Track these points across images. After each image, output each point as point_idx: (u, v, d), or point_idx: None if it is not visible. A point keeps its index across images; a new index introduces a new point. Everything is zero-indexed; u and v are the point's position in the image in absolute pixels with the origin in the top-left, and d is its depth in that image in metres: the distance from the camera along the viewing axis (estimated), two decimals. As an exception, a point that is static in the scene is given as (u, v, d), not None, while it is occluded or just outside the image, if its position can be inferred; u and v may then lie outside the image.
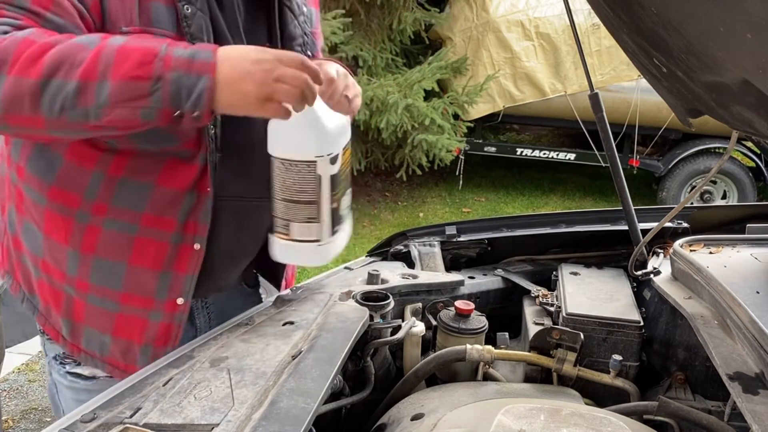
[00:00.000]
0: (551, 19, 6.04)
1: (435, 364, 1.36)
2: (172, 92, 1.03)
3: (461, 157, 6.38)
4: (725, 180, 6.24)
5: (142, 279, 1.28)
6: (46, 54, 1.02)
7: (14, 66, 1.01)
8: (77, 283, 1.29)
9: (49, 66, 1.02)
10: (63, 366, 1.41)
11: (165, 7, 1.17)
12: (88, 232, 1.25)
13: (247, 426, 0.92)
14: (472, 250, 1.85)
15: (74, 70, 1.02)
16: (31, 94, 1.02)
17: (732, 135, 1.53)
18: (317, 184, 1.17)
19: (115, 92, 1.03)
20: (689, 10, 0.96)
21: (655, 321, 1.55)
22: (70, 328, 1.34)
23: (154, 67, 1.03)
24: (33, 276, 1.36)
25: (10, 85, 1.02)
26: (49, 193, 1.25)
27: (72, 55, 1.03)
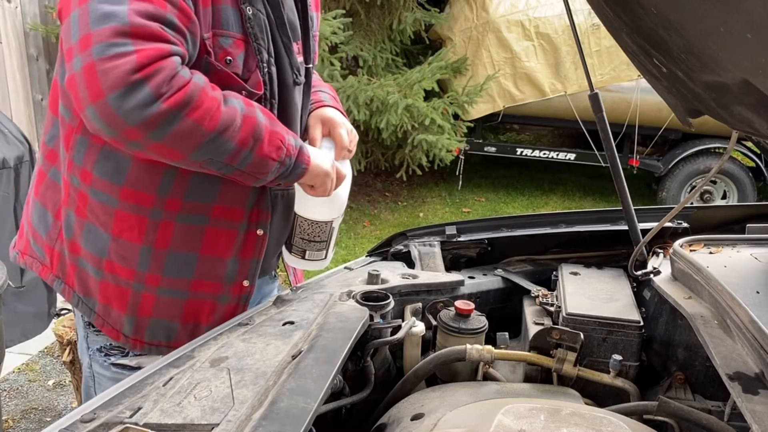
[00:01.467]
0: (551, 19, 6.04)
1: (435, 364, 1.36)
2: (283, 172, 1.29)
3: (461, 157, 6.38)
4: (725, 180, 6.24)
5: (213, 266, 1.38)
6: (219, 111, 1.17)
7: (193, 112, 1.14)
8: (148, 279, 1.35)
9: (221, 124, 1.17)
10: (108, 357, 1.45)
11: (232, 9, 1.26)
12: (162, 228, 1.33)
13: (247, 426, 0.92)
14: (472, 250, 1.85)
15: (236, 135, 1.19)
16: (198, 141, 1.16)
17: (732, 135, 1.53)
18: (330, 232, 1.51)
19: (254, 163, 1.24)
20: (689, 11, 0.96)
21: (655, 321, 1.55)
22: (133, 324, 1.39)
23: (282, 152, 1.27)
24: (93, 278, 1.38)
25: (184, 127, 1.13)
26: (120, 195, 1.30)
27: (233, 119, 1.19)
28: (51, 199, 1.40)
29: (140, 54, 1.08)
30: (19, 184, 3.23)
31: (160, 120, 1.10)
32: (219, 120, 1.16)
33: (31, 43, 5.13)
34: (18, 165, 3.22)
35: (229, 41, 1.26)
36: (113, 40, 1.07)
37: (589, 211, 2.01)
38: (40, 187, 1.42)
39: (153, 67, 1.08)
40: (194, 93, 1.13)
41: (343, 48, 5.50)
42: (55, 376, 3.37)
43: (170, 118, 1.11)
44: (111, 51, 1.07)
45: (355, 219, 5.90)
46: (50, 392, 3.26)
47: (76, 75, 1.09)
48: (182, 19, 1.16)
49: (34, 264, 1.45)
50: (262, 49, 1.31)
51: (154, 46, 1.10)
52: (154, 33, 1.11)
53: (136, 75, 1.07)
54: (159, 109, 1.09)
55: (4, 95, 4.87)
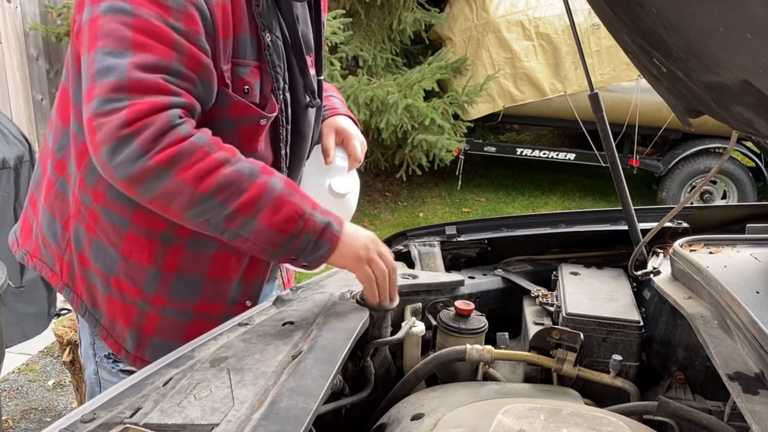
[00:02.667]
0: (551, 19, 6.03)
1: (435, 364, 1.36)
2: (299, 248, 1.20)
3: (461, 157, 6.37)
4: (725, 180, 6.23)
5: (219, 289, 1.38)
6: (216, 173, 1.13)
7: (185, 171, 1.11)
8: (154, 299, 1.34)
9: (216, 187, 1.13)
10: (116, 364, 1.44)
11: (251, 37, 1.25)
12: (172, 253, 1.32)
13: (247, 426, 0.92)
14: (472, 250, 1.85)
15: (234, 198, 1.14)
16: (189, 200, 1.13)
17: (732, 135, 1.53)
18: None
19: (258, 231, 1.17)
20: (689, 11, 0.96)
21: (655, 321, 1.55)
22: (136, 341, 1.38)
23: (297, 225, 1.18)
24: (101, 292, 1.37)
25: (173, 185, 1.11)
26: (133, 218, 1.29)
27: (237, 183, 1.14)
28: (59, 209, 1.38)
29: (131, 109, 1.08)
30: (19, 184, 3.23)
31: (147, 176, 1.10)
32: (214, 181, 1.13)
33: (31, 43, 5.13)
34: (18, 165, 3.22)
35: (247, 70, 1.25)
36: (110, 96, 1.09)
37: (589, 211, 2.01)
38: (50, 195, 1.40)
39: (142, 123, 1.08)
40: (187, 151, 1.11)
41: (343, 48, 5.49)
42: (55, 376, 3.37)
43: (158, 175, 1.10)
44: (106, 107, 1.09)
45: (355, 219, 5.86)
46: (50, 392, 3.26)
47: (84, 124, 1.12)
48: (190, 65, 1.15)
49: (44, 269, 1.44)
50: (279, 77, 1.31)
51: (149, 100, 1.10)
52: (152, 86, 1.10)
53: (125, 130, 1.08)
54: (146, 165, 1.09)
55: (4, 95, 4.87)
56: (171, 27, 1.13)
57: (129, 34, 1.11)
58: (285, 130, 1.36)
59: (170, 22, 1.13)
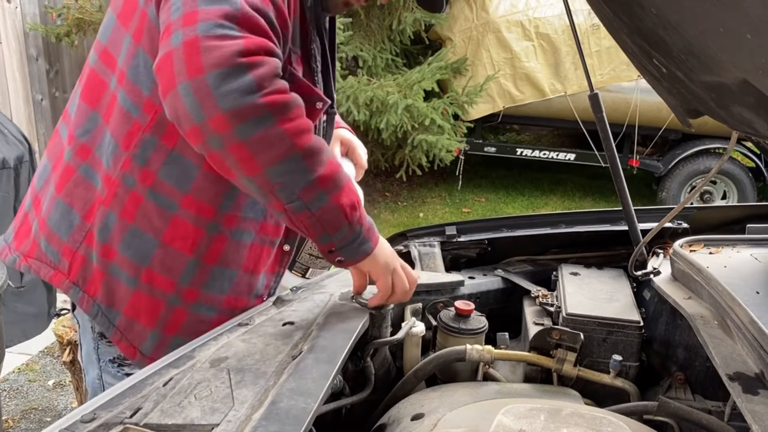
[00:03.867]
0: (551, 19, 6.04)
1: (435, 364, 1.36)
2: (349, 238, 1.19)
3: (461, 158, 6.38)
4: (725, 180, 6.24)
5: (248, 282, 1.37)
6: (311, 134, 1.10)
7: (288, 122, 1.07)
8: (186, 293, 1.31)
9: (309, 148, 1.09)
10: (122, 368, 1.39)
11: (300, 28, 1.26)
12: (216, 242, 1.29)
13: (247, 426, 0.92)
14: (472, 251, 1.85)
15: (318, 167, 1.11)
16: (281, 154, 1.07)
17: (732, 135, 1.53)
18: None
19: (327, 209, 1.14)
20: (689, 11, 0.96)
21: (655, 321, 1.56)
22: (156, 342, 1.33)
23: (355, 214, 1.18)
24: (125, 286, 1.30)
25: (273, 132, 1.05)
26: (182, 202, 1.25)
27: (322, 152, 1.12)
28: (81, 197, 1.30)
29: (247, 40, 1.03)
30: (19, 184, 3.23)
31: (252, 114, 1.03)
32: (308, 143, 1.09)
33: (30, 43, 5.13)
34: (18, 165, 3.22)
35: (295, 57, 1.25)
36: (222, 21, 1.03)
37: (589, 211, 2.01)
38: (67, 183, 1.31)
39: (259, 58, 1.04)
40: (293, 103, 1.09)
41: (343, 48, 5.50)
42: (55, 376, 3.37)
43: (263, 118, 1.04)
44: (218, 31, 1.02)
45: (355, 219, 5.89)
46: (50, 392, 3.26)
47: (174, 50, 1.03)
48: (279, 21, 1.13)
49: (42, 268, 1.34)
50: (318, 72, 1.32)
51: (260, 39, 1.06)
52: (261, 27, 1.07)
53: (242, 59, 1.02)
54: (256, 101, 1.03)
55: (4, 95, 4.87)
56: None
57: None
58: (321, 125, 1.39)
59: None
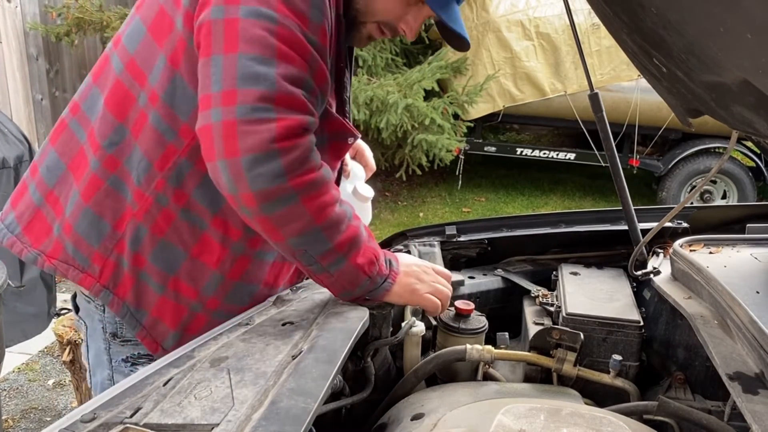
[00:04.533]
0: (551, 18, 6.04)
1: (435, 364, 1.36)
2: (370, 287, 1.28)
3: (461, 157, 6.38)
4: (725, 180, 6.24)
5: (267, 295, 1.42)
6: (332, 208, 1.19)
7: (311, 201, 1.15)
8: (209, 302, 1.37)
9: (328, 221, 1.18)
10: (135, 366, 1.42)
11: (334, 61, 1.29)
12: (240, 261, 1.36)
13: (247, 426, 0.92)
14: (472, 250, 1.85)
15: (336, 236, 1.20)
16: (302, 228, 1.17)
17: (732, 135, 1.53)
18: None
19: (344, 270, 1.24)
20: (689, 11, 0.96)
21: (655, 321, 1.56)
22: (177, 340, 1.38)
23: (374, 268, 1.26)
24: (153, 292, 1.35)
25: (296, 210, 1.15)
26: (212, 222, 1.32)
27: (342, 222, 1.21)
28: (111, 208, 1.32)
29: (281, 124, 1.10)
30: (19, 184, 3.22)
31: (278, 195, 1.12)
32: (328, 217, 1.18)
33: (30, 43, 5.13)
34: (18, 165, 3.22)
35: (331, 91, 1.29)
36: (258, 105, 1.09)
37: (589, 211, 2.01)
38: (96, 194, 1.33)
39: (291, 143, 1.11)
40: (318, 182, 1.16)
41: (343, 48, 5.49)
42: (55, 376, 3.37)
43: (288, 197, 1.13)
44: (254, 115, 1.09)
45: (355, 219, 5.89)
46: (50, 392, 3.26)
47: (213, 126, 1.11)
48: (318, 81, 1.17)
49: (70, 271, 1.35)
50: (347, 103, 1.36)
51: (295, 117, 1.12)
52: (297, 102, 1.12)
53: (274, 145, 1.09)
54: (283, 185, 1.12)
55: (4, 95, 4.87)
56: (309, 40, 1.14)
57: (275, 42, 1.10)
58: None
59: (308, 35, 1.13)
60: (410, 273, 1.33)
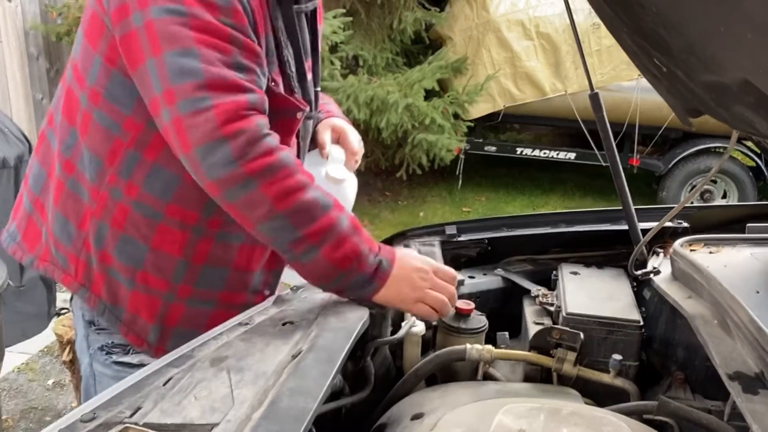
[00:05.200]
0: (552, 18, 6.03)
1: (435, 364, 1.36)
2: (349, 284, 1.24)
3: (461, 157, 6.37)
4: (725, 180, 6.23)
5: (242, 279, 1.42)
6: (296, 195, 1.17)
7: (269, 186, 1.15)
8: (180, 290, 1.37)
9: (293, 209, 1.17)
10: (110, 356, 1.45)
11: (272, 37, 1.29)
12: (202, 244, 1.35)
13: (247, 426, 0.92)
14: (472, 250, 1.85)
15: (305, 225, 1.18)
16: (266, 215, 1.17)
17: (732, 135, 1.53)
18: None
19: (317, 261, 1.20)
20: (690, 11, 0.96)
21: (655, 321, 1.55)
22: (158, 334, 1.40)
23: (352, 264, 1.21)
24: (124, 287, 1.38)
25: (255, 197, 1.16)
26: (167, 211, 1.32)
27: (312, 210, 1.18)
28: (72, 209, 1.37)
29: (219, 109, 1.12)
30: (19, 184, 3.20)
31: (235, 182, 1.15)
32: (293, 203, 1.17)
33: (31, 43, 5.13)
34: (18, 164, 3.21)
35: (274, 67, 1.29)
36: (194, 96, 1.13)
37: (589, 211, 2.01)
38: (60, 197, 1.39)
39: (235, 127, 1.13)
40: (275, 166, 1.16)
41: (344, 47, 5.50)
42: (55, 376, 3.37)
43: (245, 183, 1.15)
44: (194, 107, 1.13)
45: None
46: (50, 392, 3.26)
47: (167, 126, 1.16)
48: (249, 57, 1.18)
49: (56, 272, 1.43)
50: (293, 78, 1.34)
51: (231, 99, 1.14)
52: (231, 84, 1.14)
53: (219, 132, 1.12)
54: (236, 170, 1.14)
55: (4, 95, 4.87)
56: (223, 23, 1.16)
57: (190, 33, 1.13)
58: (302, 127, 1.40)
59: (221, 18, 1.16)
60: (404, 278, 1.26)
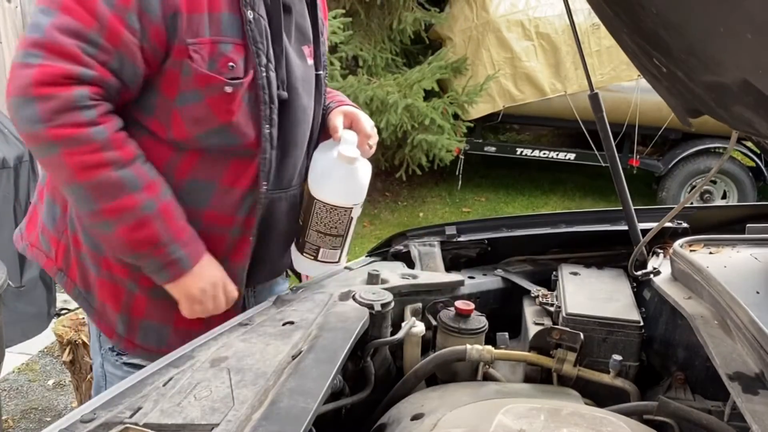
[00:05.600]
0: (551, 18, 6.03)
1: (435, 364, 1.36)
2: (144, 265, 1.30)
3: (461, 157, 6.38)
4: (725, 180, 6.24)
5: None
6: (97, 171, 1.20)
7: (70, 156, 1.19)
8: (141, 279, 1.36)
9: (92, 183, 1.21)
10: (120, 357, 1.46)
11: (231, 15, 1.27)
12: None
13: (247, 426, 0.92)
14: (472, 250, 1.85)
15: (103, 200, 1.22)
16: (65, 181, 1.23)
17: (732, 135, 1.53)
18: (348, 223, 1.47)
19: (112, 238, 1.27)
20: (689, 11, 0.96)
21: (655, 321, 1.55)
22: (126, 324, 1.41)
23: (147, 250, 1.27)
24: (92, 274, 1.40)
25: (57, 161, 1.20)
26: None
27: (112, 188, 1.22)
28: (59, 193, 1.40)
29: (41, 69, 1.15)
30: (19, 184, 3.23)
31: (38, 141, 1.19)
32: (92, 178, 1.20)
33: (31, 43, 5.12)
34: (18, 165, 3.22)
35: (230, 47, 1.28)
36: (29, 50, 1.16)
37: (589, 211, 2.01)
38: (50, 181, 1.44)
39: (48, 90, 1.15)
40: (80, 139, 1.18)
41: (343, 48, 5.49)
42: (55, 376, 3.37)
43: (48, 146, 1.19)
44: (24, 60, 1.16)
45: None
46: (50, 392, 3.26)
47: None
48: (110, 39, 1.18)
49: (39, 256, 1.46)
50: (261, 53, 1.31)
51: (59, 65, 1.15)
52: (66, 51, 1.16)
53: (30, 90, 1.15)
54: (40, 131, 1.17)
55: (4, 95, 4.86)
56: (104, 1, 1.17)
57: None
58: (269, 108, 1.34)
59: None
60: (195, 287, 1.33)
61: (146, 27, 1.20)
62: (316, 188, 1.45)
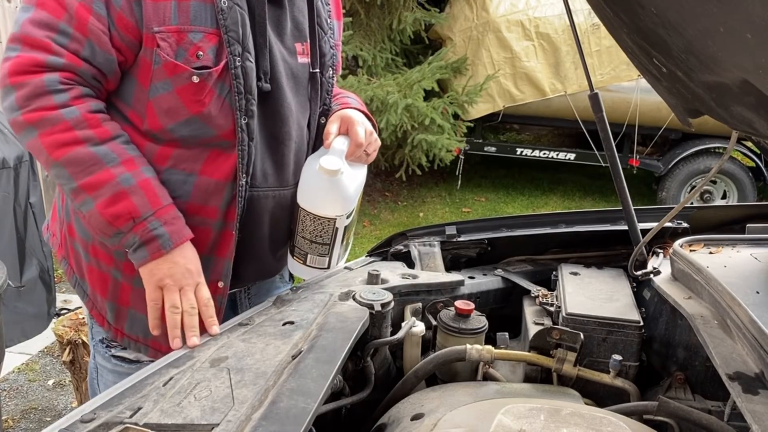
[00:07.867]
0: (551, 18, 6.04)
1: (435, 364, 1.36)
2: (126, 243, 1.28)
3: (461, 157, 6.38)
4: (725, 180, 6.24)
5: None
6: (71, 148, 1.24)
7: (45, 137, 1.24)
8: (124, 267, 1.37)
9: (66, 160, 1.24)
10: (109, 349, 1.47)
11: (202, 4, 1.27)
12: None
13: (247, 426, 0.92)
14: (472, 250, 1.85)
15: (80, 176, 1.24)
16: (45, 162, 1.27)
17: (732, 135, 1.53)
18: (333, 233, 1.44)
19: (92, 214, 1.26)
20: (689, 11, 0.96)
21: (655, 321, 1.55)
22: (114, 312, 1.42)
23: (127, 225, 1.26)
24: (83, 261, 1.43)
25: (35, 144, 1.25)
26: None
27: (87, 163, 1.24)
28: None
29: (15, 60, 1.22)
30: (19, 184, 3.23)
31: (19, 128, 1.26)
32: (66, 155, 1.23)
33: (31, 43, 5.12)
34: (18, 165, 3.22)
35: (199, 36, 1.27)
36: (10, 45, 1.24)
37: (589, 211, 2.01)
38: None
39: (22, 78, 1.22)
40: (51, 120, 1.23)
41: (343, 48, 5.49)
42: (55, 376, 3.37)
43: (27, 130, 1.25)
44: (6, 54, 1.24)
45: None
46: (50, 392, 3.26)
47: None
48: (78, 28, 1.23)
49: (55, 244, 1.51)
50: (234, 42, 1.29)
51: (31, 55, 1.22)
52: (37, 42, 1.22)
53: (7, 80, 1.23)
54: (18, 118, 1.24)
55: (4, 95, 4.86)
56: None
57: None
58: (245, 99, 1.32)
59: None
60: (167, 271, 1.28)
61: (112, 14, 1.24)
62: (300, 196, 1.45)
